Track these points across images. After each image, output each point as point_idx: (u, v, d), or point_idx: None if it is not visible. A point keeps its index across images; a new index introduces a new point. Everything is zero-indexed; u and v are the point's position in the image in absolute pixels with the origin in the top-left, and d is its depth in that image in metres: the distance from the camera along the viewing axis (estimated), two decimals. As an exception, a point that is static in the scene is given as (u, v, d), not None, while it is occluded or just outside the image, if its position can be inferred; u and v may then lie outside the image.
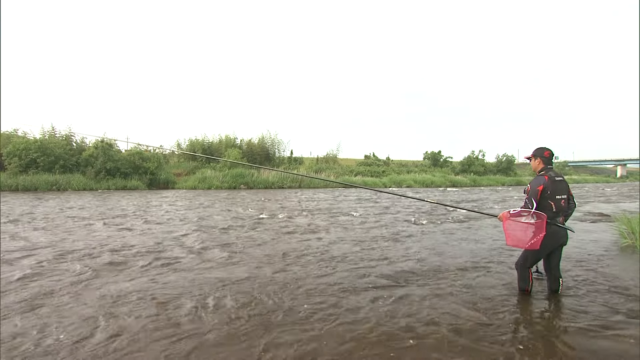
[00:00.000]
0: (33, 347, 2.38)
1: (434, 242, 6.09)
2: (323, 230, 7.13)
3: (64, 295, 3.38)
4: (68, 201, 12.82)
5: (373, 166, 35.74)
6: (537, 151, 3.42)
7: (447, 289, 3.64)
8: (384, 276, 4.06)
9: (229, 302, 3.24)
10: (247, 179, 23.43)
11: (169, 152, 29.62)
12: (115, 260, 4.62)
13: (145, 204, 12.26)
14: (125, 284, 3.70)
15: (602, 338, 2.61)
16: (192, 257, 4.85)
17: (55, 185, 19.01)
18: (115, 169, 21.33)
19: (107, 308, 3.07)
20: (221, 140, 30.74)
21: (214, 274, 4.08)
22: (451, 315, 3.00)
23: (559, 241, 3.31)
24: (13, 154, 20.02)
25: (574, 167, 66.15)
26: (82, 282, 3.75)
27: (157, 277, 3.96)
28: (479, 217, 9.16)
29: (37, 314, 2.94)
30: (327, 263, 4.62)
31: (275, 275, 4.06)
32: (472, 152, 41.37)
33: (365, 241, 6.08)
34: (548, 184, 3.20)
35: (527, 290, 3.44)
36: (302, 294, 3.48)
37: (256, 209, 10.91)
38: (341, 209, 11.23)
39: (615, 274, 4.21)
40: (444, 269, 4.39)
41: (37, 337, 2.53)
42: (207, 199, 14.65)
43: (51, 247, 5.32)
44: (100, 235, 6.34)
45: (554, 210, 3.21)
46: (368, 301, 3.30)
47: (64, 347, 2.40)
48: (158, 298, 3.32)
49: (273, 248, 5.51)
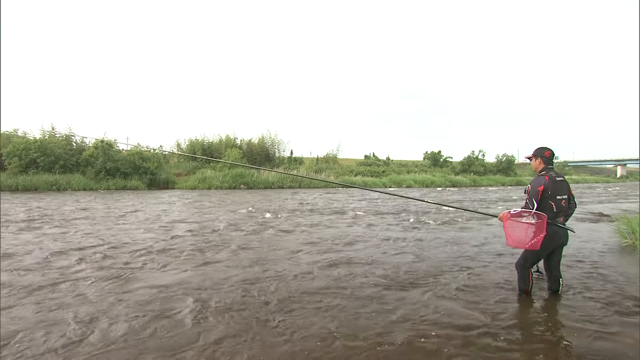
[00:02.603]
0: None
1: (433, 242, 6.08)
2: (321, 231, 7.13)
3: (65, 295, 3.38)
4: (66, 201, 12.82)
5: (373, 166, 35.72)
6: (538, 151, 3.40)
7: (447, 289, 3.64)
8: (382, 276, 4.06)
9: (228, 302, 3.24)
10: (247, 179, 23.43)
11: (168, 153, 29.61)
12: (115, 261, 4.63)
13: (145, 204, 12.26)
14: (125, 285, 3.70)
15: (602, 338, 2.61)
16: (192, 258, 4.85)
17: (55, 185, 19.00)
18: (115, 169, 21.31)
19: (107, 308, 3.08)
20: (221, 140, 30.69)
21: (214, 274, 4.08)
22: (451, 315, 3.00)
23: (559, 241, 3.31)
24: (13, 154, 20.00)
25: (574, 167, 66.08)
26: (82, 282, 3.75)
27: (156, 277, 3.97)
28: (479, 217, 9.15)
29: (14, 313, 2.94)
30: (325, 263, 4.62)
31: (274, 276, 4.06)
32: (472, 152, 41.31)
33: (364, 241, 6.07)
34: (549, 184, 3.19)
35: (527, 290, 3.44)
36: (300, 294, 3.47)
37: (256, 209, 10.91)
38: (340, 209, 11.22)
39: (615, 274, 4.21)
40: (443, 269, 4.39)
41: (17, 338, 2.53)
42: (206, 198, 14.65)
43: (43, 248, 5.32)
44: (100, 236, 6.33)
45: (554, 211, 3.21)
46: (367, 301, 3.30)
47: (60, 348, 2.40)
48: (158, 298, 3.32)
49: (272, 248, 5.51)
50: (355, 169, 33.20)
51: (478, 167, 39.66)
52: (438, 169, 39.23)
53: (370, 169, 34.03)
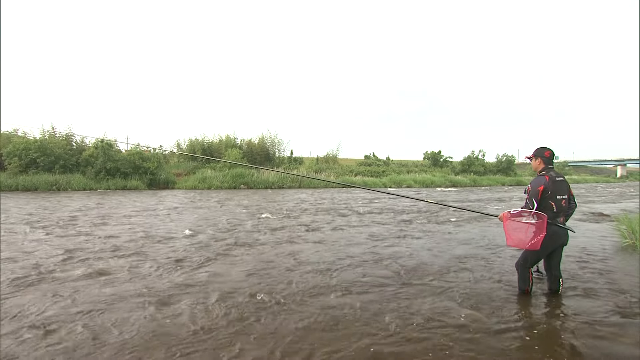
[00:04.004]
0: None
1: (433, 242, 6.08)
2: (321, 230, 7.13)
3: (65, 297, 3.38)
4: (67, 201, 12.81)
5: (373, 166, 35.70)
6: (538, 151, 3.42)
7: (447, 289, 3.64)
8: (382, 276, 4.06)
9: (226, 302, 3.24)
10: (247, 179, 23.43)
11: (168, 152, 29.59)
12: (114, 261, 4.63)
13: (144, 204, 12.25)
14: (123, 285, 3.70)
15: (602, 338, 2.61)
16: (190, 258, 4.85)
17: (55, 185, 19.00)
18: (115, 169, 21.31)
19: (106, 308, 3.08)
20: (221, 140, 30.70)
21: (213, 274, 4.09)
22: (450, 315, 3.00)
23: (559, 241, 3.31)
24: (13, 154, 20.01)
25: (574, 167, 66.05)
26: (83, 282, 3.75)
27: (155, 276, 3.97)
28: (479, 217, 9.15)
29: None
30: (324, 263, 4.62)
31: (272, 276, 4.06)
32: (472, 152, 41.31)
33: (363, 241, 6.07)
34: (549, 184, 3.20)
35: (527, 290, 3.44)
36: (299, 294, 3.48)
37: (255, 208, 10.91)
38: (340, 209, 11.22)
39: (615, 274, 4.21)
40: (443, 269, 4.39)
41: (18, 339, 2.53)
42: (206, 198, 14.64)
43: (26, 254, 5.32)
44: (100, 236, 6.34)
45: (554, 211, 3.22)
46: (366, 301, 3.30)
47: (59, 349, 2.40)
48: (156, 298, 3.32)
49: (270, 248, 5.51)
50: (355, 169, 33.19)
51: (478, 167, 39.65)
52: (438, 169, 39.22)
53: (370, 169, 34.03)
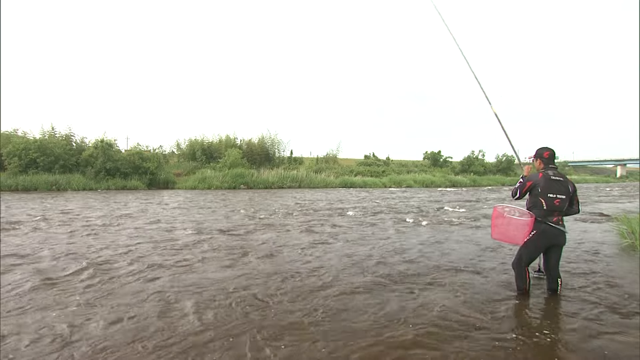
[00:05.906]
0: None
1: (431, 242, 6.08)
2: (320, 230, 7.12)
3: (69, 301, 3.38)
4: (66, 201, 12.81)
5: (373, 166, 35.68)
6: (538, 152, 3.47)
7: (445, 289, 3.63)
8: (381, 275, 4.06)
9: (227, 302, 3.23)
10: (247, 179, 23.42)
11: (168, 152, 29.59)
12: (113, 261, 4.62)
13: (144, 204, 12.25)
14: (123, 285, 3.70)
15: (601, 338, 2.60)
16: (190, 258, 4.84)
17: (55, 185, 18.99)
18: (115, 169, 21.30)
19: (107, 307, 3.07)
20: (221, 140, 30.70)
21: (213, 274, 4.08)
22: (449, 314, 2.99)
23: (553, 240, 3.32)
24: (13, 154, 19.99)
25: (574, 167, 65.96)
26: (86, 283, 3.74)
27: (154, 277, 3.96)
28: (476, 216, 9.15)
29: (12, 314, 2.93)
30: (324, 263, 4.61)
31: (272, 276, 4.05)
32: (472, 152, 41.31)
33: (362, 241, 6.07)
34: (539, 181, 3.26)
35: (524, 289, 3.44)
36: (299, 294, 3.47)
37: (256, 209, 10.90)
38: (339, 208, 11.22)
39: (615, 274, 4.21)
40: (441, 268, 4.39)
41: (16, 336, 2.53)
42: (206, 199, 14.64)
43: (29, 252, 5.32)
44: (100, 236, 6.33)
45: (544, 208, 3.25)
46: (365, 301, 3.29)
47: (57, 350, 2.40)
48: (156, 299, 3.31)
49: (269, 248, 5.50)
50: (355, 169, 33.17)
51: (478, 167, 39.64)
52: (438, 169, 39.19)
53: (370, 168, 34.00)
